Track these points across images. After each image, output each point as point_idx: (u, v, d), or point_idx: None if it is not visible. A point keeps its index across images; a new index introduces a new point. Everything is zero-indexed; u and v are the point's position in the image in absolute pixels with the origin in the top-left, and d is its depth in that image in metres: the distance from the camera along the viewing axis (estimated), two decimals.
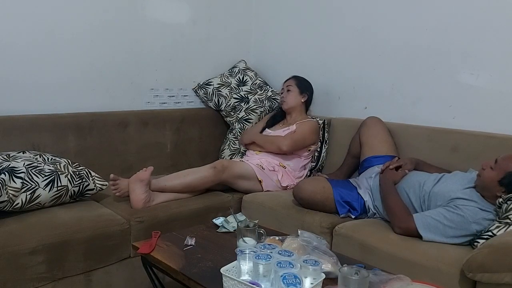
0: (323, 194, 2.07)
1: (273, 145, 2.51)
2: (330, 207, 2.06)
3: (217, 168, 2.29)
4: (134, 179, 2.10)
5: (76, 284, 1.80)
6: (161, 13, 2.76)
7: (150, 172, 2.14)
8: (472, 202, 1.71)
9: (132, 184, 2.09)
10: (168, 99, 2.89)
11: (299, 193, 2.11)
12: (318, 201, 2.06)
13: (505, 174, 1.66)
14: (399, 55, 2.47)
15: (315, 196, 2.06)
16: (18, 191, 1.78)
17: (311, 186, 2.11)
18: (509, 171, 1.66)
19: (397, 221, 1.80)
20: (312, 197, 2.07)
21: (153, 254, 1.55)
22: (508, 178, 1.66)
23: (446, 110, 2.28)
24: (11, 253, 1.62)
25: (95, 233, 1.82)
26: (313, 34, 2.89)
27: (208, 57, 3.03)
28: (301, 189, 2.11)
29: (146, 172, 2.13)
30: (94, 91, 2.54)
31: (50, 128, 2.28)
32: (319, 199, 2.06)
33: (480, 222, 1.66)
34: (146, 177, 2.11)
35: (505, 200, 1.64)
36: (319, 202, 2.06)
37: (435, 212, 1.74)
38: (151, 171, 2.15)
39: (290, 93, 2.65)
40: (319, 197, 2.06)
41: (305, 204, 2.10)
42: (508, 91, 2.08)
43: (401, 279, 1.28)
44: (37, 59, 2.31)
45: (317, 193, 2.07)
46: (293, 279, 1.16)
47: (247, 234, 1.54)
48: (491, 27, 2.11)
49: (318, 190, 2.08)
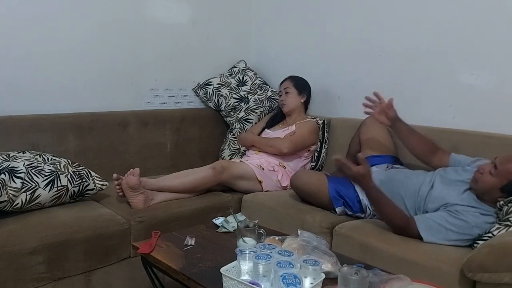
0: (317, 186, 2.11)
1: (273, 148, 2.51)
2: (324, 199, 2.08)
3: (217, 169, 2.29)
4: (125, 188, 2.06)
5: (76, 284, 1.81)
6: (161, 13, 2.76)
7: (138, 174, 2.06)
8: (472, 208, 1.70)
9: (125, 192, 2.06)
10: (168, 99, 2.89)
11: (294, 181, 2.19)
12: (311, 192, 2.12)
13: (508, 181, 1.64)
14: (399, 55, 2.47)
15: (310, 187, 2.13)
16: (18, 191, 1.78)
17: (307, 176, 2.20)
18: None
19: (396, 227, 1.77)
20: (306, 187, 2.14)
21: (153, 254, 1.55)
22: (510, 186, 1.64)
23: (446, 110, 2.28)
24: (11, 253, 1.62)
25: (95, 233, 1.82)
26: (313, 34, 2.89)
27: (208, 57, 3.03)
28: (297, 178, 2.19)
29: (134, 177, 2.04)
30: (94, 91, 2.54)
31: (50, 128, 2.28)
32: (313, 190, 2.12)
33: (481, 225, 1.66)
34: (135, 182, 2.03)
35: (506, 202, 1.63)
36: (312, 193, 2.12)
37: (436, 216, 1.73)
38: (138, 174, 2.06)
39: (289, 95, 2.65)
40: (313, 188, 2.12)
41: (300, 194, 2.17)
42: (508, 91, 2.08)
43: (401, 279, 1.28)
44: (37, 59, 2.32)
45: (311, 184, 2.13)
46: (293, 279, 1.16)
47: (247, 234, 1.54)
48: (491, 27, 2.11)
49: (313, 181, 2.14)
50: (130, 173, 2.06)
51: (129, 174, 2.06)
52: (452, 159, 1.97)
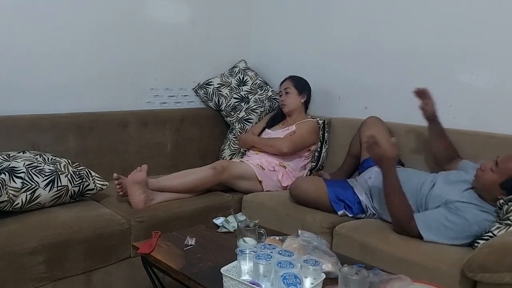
0: (316, 193, 2.11)
1: (273, 148, 2.51)
2: (325, 205, 2.08)
3: (217, 169, 2.29)
4: (131, 182, 2.07)
5: (76, 284, 1.80)
6: (161, 13, 2.76)
7: (145, 171, 2.10)
8: (472, 205, 1.70)
9: (129, 188, 2.07)
10: (168, 99, 2.89)
11: (294, 191, 2.18)
12: (312, 199, 2.11)
13: (508, 177, 1.65)
14: (399, 55, 2.46)
15: (309, 195, 2.12)
16: (18, 191, 1.78)
17: (306, 184, 2.18)
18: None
19: (398, 220, 1.79)
20: (306, 195, 2.13)
21: (153, 254, 1.55)
22: (510, 182, 1.64)
23: (446, 110, 2.28)
24: (11, 253, 1.62)
25: (95, 233, 1.82)
26: (313, 34, 2.89)
27: (208, 57, 3.03)
28: (296, 187, 2.17)
29: (142, 173, 2.09)
30: (94, 91, 2.54)
31: (50, 128, 2.28)
32: (313, 198, 2.11)
33: (481, 223, 1.66)
34: (142, 178, 2.07)
35: (506, 201, 1.63)
36: (312, 200, 2.11)
37: (436, 213, 1.74)
38: (146, 170, 2.11)
39: (289, 95, 2.65)
40: (313, 196, 2.11)
41: (300, 202, 2.15)
42: (508, 91, 2.08)
43: (401, 279, 1.28)
44: (37, 59, 2.31)
45: (311, 191, 2.12)
46: (293, 279, 1.16)
47: (247, 234, 1.54)
48: (491, 27, 2.11)
49: (312, 188, 2.13)
50: (138, 170, 2.10)
51: (137, 170, 2.10)
52: (461, 163, 1.98)
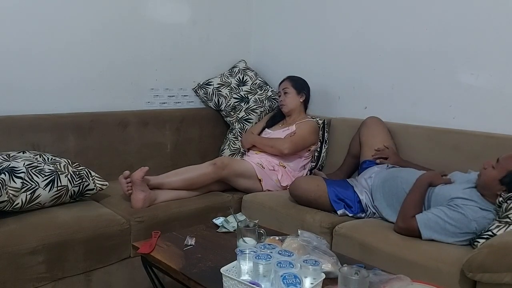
0: (316, 192, 2.11)
1: (274, 148, 2.51)
2: (325, 204, 2.08)
3: (217, 165, 2.30)
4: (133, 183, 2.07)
5: (76, 284, 1.81)
6: (161, 13, 2.76)
7: (144, 171, 2.09)
8: (472, 201, 1.71)
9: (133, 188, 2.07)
10: (168, 99, 2.89)
11: (294, 190, 2.18)
12: (312, 199, 2.11)
13: (507, 172, 1.66)
14: (399, 55, 2.46)
15: (309, 194, 2.12)
16: (18, 191, 1.78)
17: (306, 184, 2.17)
18: (510, 170, 1.66)
19: (405, 212, 1.80)
20: (306, 195, 2.12)
21: (153, 254, 1.55)
22: (509, 177, 1.66)
23: (446, 110, 2.28)
24: (11, 253, 1.62)
25: (95, 233, 1.83)
26: (313, 34, 2.89)
27: (208, 57, 3.03)
28: (296, 187, 2.17)
29: (139, 172, 2.07)
30: (94, 91, 2.54)
31: (50, 128, 2.28)
32: (312, 197, 2.11)
33: (480, 220, 1.66)
34: (138, 177, 2.06)
35: (505, 199, 1.64)
36: (312, 200, 2.11)
37: (435, 210, 1.75)
38: (145, 171, 2.09)
39: (288, 95, 2.65)
40: (313, 195, 2.11)
41: (300, 202, 2.15)
42: (508, 91, 2.08)
43: (401, 279, 1.28)
44: (37, 59, 2.31)
45: (311, 191, 2.12)
46: (293, 279, 1.16)
47: (247, 234, 1.54)
48: (491, 27, 2.11)
49: (312, 188, 2.13)
50: (140, 170, 2.10)
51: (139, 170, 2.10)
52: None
